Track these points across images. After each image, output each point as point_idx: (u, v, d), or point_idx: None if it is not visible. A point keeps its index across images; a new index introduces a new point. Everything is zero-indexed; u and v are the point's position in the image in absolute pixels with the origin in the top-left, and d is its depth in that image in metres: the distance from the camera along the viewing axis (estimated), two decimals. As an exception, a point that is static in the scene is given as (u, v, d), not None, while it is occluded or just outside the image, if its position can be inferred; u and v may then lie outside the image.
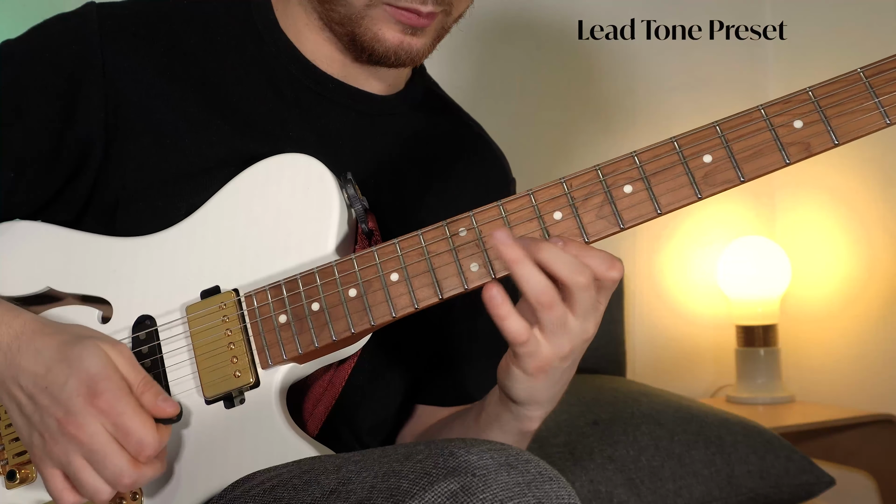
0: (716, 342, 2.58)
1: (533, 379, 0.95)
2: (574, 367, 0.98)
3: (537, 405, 1.00)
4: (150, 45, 1.10)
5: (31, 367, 0.93)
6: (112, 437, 0.90)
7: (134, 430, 0.89)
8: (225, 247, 1.04)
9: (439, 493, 0.80)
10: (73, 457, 0.90)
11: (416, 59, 1.10)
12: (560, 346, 0.92)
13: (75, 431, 0.89)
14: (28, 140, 1.07)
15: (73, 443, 0.90)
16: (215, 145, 1.09)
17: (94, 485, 0.90)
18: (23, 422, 0.94)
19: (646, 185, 0.94)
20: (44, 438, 0.91)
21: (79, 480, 0.91)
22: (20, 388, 0.93)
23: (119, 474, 0.90)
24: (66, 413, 0.90)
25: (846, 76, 0.93)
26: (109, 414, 0.89)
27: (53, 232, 1.09)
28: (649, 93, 2.54)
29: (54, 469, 0.92)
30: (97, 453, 0.89)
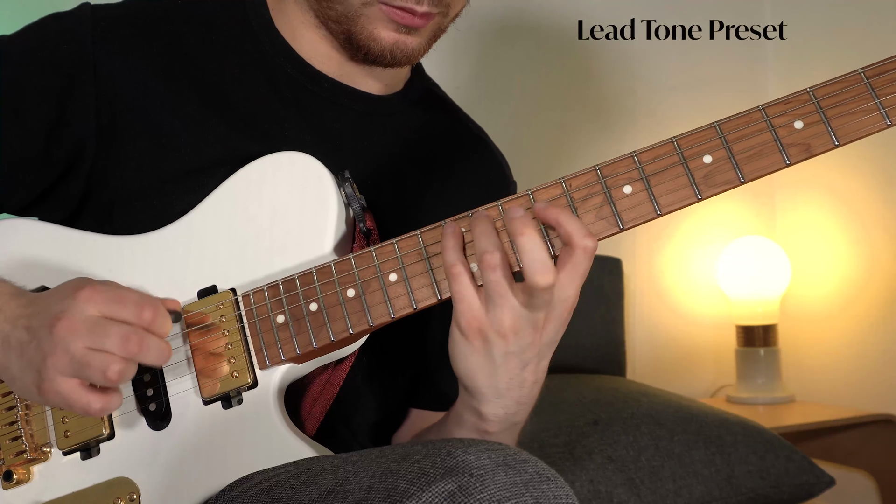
0: (716, 342, 2.58)
1: (469, 344, 0.93)
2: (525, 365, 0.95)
3: (480, 394, 0.96)
4: (145, 45, 1.10)
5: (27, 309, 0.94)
6: (106, 315, 0.90)
7: (126, 295, 0.90)
8: (222, 246, 1.04)
9: (437, 493, 0.80)
10: (73, 348, 0.89)
11: (412, 58, 1.10)
12: (498, 321, 0.91)
13: (68, 323, 0.89)
14: (19, 139, 1.07)
15: (69, 335, 0.89)
16: (213, 145, 1.09)
17: (103, 361, 0.89)
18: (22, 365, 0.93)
19: (645, 186, 0.94)
20: (44, 356, 0.90)
21: (86, 366, 0.89)
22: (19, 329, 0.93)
23: (125, 334, 0.89)
24: (57, 314, 0.90)
25: (847, 76, 0.92)
26: (97, 296, 0.90)
27: (49, 230, 1.09)
28: (649, 93, 2.53)
29: (65, 379, 0.90)
30: (94, 329, 0.89)
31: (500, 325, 0.91)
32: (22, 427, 1.02)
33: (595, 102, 2.49)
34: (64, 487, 1.02)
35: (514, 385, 0.96)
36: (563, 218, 0.89)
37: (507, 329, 0.91)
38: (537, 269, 0.88)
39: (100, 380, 0.90)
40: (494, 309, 0.91)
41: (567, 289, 0.91)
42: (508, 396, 0.97)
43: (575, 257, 0.90)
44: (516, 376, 0.95)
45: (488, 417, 0.98)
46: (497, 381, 0.95)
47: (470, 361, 0.95)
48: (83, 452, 1.02)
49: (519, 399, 0.97)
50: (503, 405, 0.97)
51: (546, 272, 0.88)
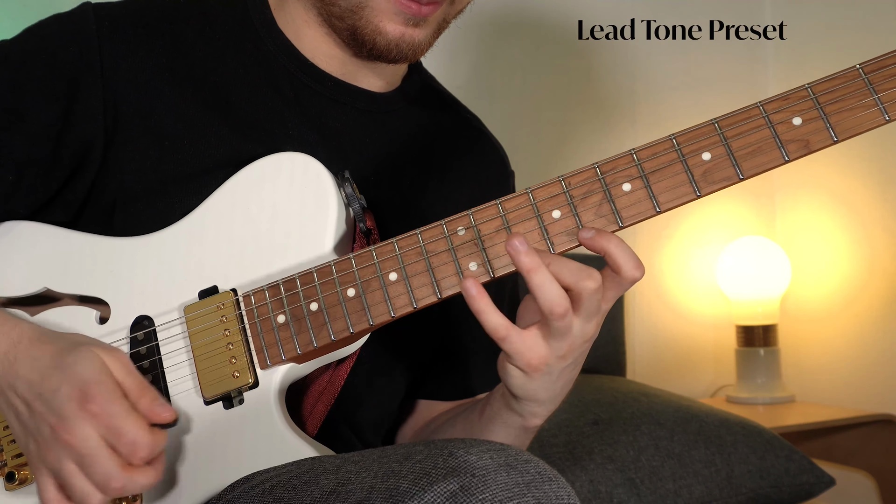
0: (716, 342, 2.58)
1: (529, 377, 0.95)
2: (577, 366, 0.98)
3: (538, 402, 1.00)
4: (147, 45, 1.10)
5: (27, 375, 0.92)
6: (103, 442, 0.88)
7: (126, 431, 0.88)
8: (223, 246, 1.04)
9: (439, 493, 0.80)
10: (64, 462, 0.89)
11: (417, 52, 1.10)
12: (558, 348, 0.93)
13: (67, 436, 0.88)
14: (27, 143, 1.06)
15: (65, 448, 0.89)
16: (215, 146, 1.08)
17: (84, 489, 0.89)
18: (20, 429, 0.93)
19: (645, 184, 0.94)
20: (38, 445, 0.91)
21: (70, 486, 0.89)
22: (17, 396, 0.92)
23: (108, 477, 0.88)
24: (59, 419, 0.89)
25: (845, 72, 0.92)
26: (101, 417, 0.88)
27: (51, 232, 1.08)
28: (649, 93, 2.53)
29: (48, 477, 0.91)
30: (87, 457, 0.88)
31: (557, 352, 0.94)
32: (22, 427, 1.02)
33: (595, 102, 2.49)
34: (65, 488, 1.02)
35: (566, 387, 1.00)
36: (612, 248, 0.91)
37: (564, 352, 0.94)
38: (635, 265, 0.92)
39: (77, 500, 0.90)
40: (556, 342, 0.93)
41: (609, 304, 0.95)
42: (561, 396, 1.01)
43: (621, 285, 0.93)
44: (570, 380, 0.99)
45: (540, 415, 1.02)
46: (555, 392, 0.99)
47: (533, 389, 0.98)
48: (84, 452, 1.02)
49: (565, 392, 1.01)
50: (554, 406, 1.02)
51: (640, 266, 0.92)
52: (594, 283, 0.90)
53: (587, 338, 0.94)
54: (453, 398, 1.23)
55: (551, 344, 0.93)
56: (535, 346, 0.93)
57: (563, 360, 0.94)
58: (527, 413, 1.02)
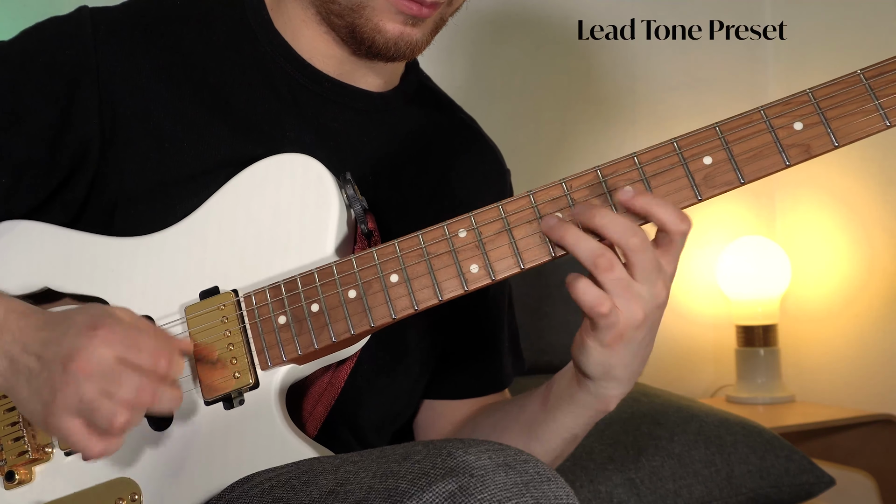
0: (716, 342, 2.58)
1: (609, 350, 0.95)
2: (651, 339, 0.97)
3: (615, 381, 0.99)
4: (145, 47, 1.10)
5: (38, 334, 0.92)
6: (121, 360, 0.88)
7: (145, 341, 0.89)
8: (224, 247, 1.04)
9: (437, 493, 0.80)
10: (84, 390, 0.88)
11: (415, 51, 1.10)
12: (633, 313, 0.92)
13: (83, 364, 0.88)
14: (24, 144, 1.07)
15: (82, 376, 0.88)
16: (214, 147, 1.09)
17: (110, 409, 0.88)
18: (31, 391, 0.92)
19: (646, 187, 0.94)
20: (54, 390, 0.89)
21: (93, 412, 0.88)
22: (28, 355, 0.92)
23: (138, 385, 0.88)
24: (70, 352, 0.89)
25: (846, 78, 0.93)
26: (114, 338, 0.88)
27: (52, 232, 1.09)
28: (649, 93, 2.53)
29: (70, 418, 0.89)
30: (108, 376, 0.88)
31: (634, 318, 0.93)
32: (24, 427, 1.02)
33: (595, 102, 2.49)
34: (65, 488, 1.02)
35: (643, 364, 0.99)
36: (654, 209, 0.92)
37: (640, 319, 0.93)
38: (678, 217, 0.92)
39: (105, 427, 0.89)
40: (624, 304, 0.92)
41: (670, 265, 0.94)
42: (637, 374, 1.00)
43: (674, 243, 0.93)
44: (645, 356, 0.99)
45: (616, 397, 1.01)
46: (634, 368, 0.98)
47: (612, 365, 0.97)
48: (85, 453, 1.02)
49: (641, 370, 1.00)
50: (630, 386, 1.01)
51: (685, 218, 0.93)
52: (637, 239, 0.90)
53: (658, 302, 0.94)
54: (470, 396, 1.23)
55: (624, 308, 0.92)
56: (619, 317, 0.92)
57: (639, 329, 0.94)
58: (602, 395, 1.00)
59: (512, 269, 0.95)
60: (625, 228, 0.91)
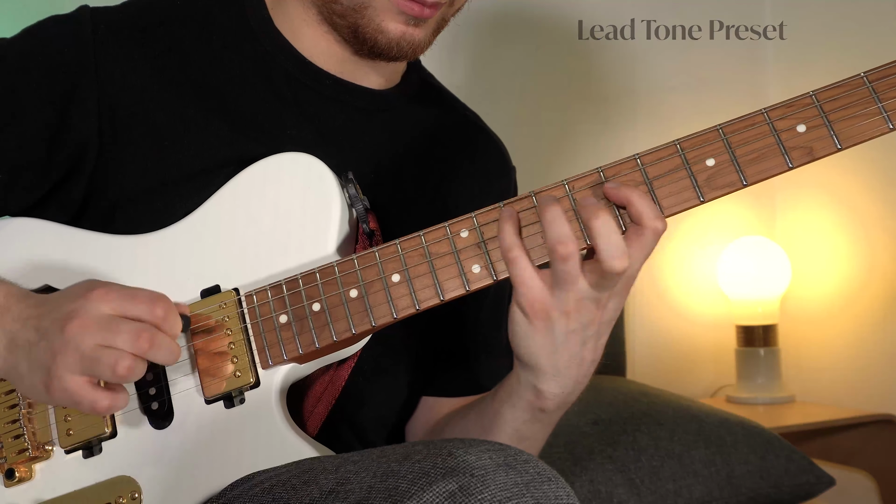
0: (716, 342, 2.58)
1: (532, 325, 0.94)
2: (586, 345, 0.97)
3: (544, 374, 0.98)
4: (145, 47, 1.10)
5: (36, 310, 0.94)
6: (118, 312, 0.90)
7: (139, 292, 0.90)
8: (225, 246, 1.04)
9: (437, 493, 0.80)
10: (84, 345, 0.89)
11: (417, 51, 1.11)
12: (563, 301, 0.92)
13: (79, 322, 0.89)
14: (23, 145, 1.07)
15: (80, 333, 0.89)
16: (214, 146, 1.09)
17: (112, 356, 0.89)
18: (31, 363, 0.93)
19: (648, 188, 0.94)
20: (54, 354, 0.90)
21: (96, 361, 0.89)
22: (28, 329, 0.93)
23: (136, 330, 0.89)
24: (68, 314, 0.90)
25: (849, 80, 0.93)
26: (108, 295, 0.90)
27: (52, 229, 1.09)
28: (649, 93, 2.53)
29: (73, 376, 0.90)
30: (106, 326, 0.89)
31: (565, 305, 0.92)
32: (24, 425, 1.03)
33: (595, 102, 2.49)
34: (66, 485, 1.02)
35: (573, 363, 0.98)
36: (634, 198, 0.91)
37: (571, 308, 0.93)
38: (614, 254, 0.89)
39: (109, 376, 0.90)
40: (561, 292, 0.92)
41: (633, 267, 0.92)
42: (567, 375, 0.98)
43: (644, 238, 0.91)
44: (576, 354, 0.97)
45: (546, 395, 1.00)
46: (558, 359, 0.97)
47: (532, 340, 0.96)
48: (85, 451, 1.02)
49: (577, 378, 0.99)
50: (562, 384, 0.99)
51: (622, 257, 0.90)
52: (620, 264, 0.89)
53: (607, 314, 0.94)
54: (462, 394, 1.23)
55: (556, 293, 0.92)
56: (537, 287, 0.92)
57: (567, 319, 0.93)
58: (536, 388, 1.00)
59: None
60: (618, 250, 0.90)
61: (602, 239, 0.90)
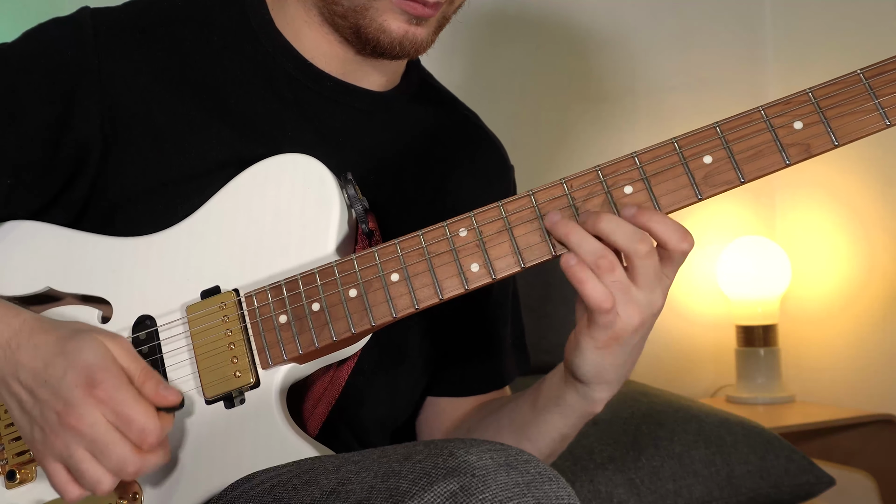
0: (716, 342, 2.58)
1: (603, 352, 0.95)
2: (642, 344, 0.98)
3: (605, 384, 1.00)
4: (146, 48, 1.10)
5: (30, 363, 0.93)
6: (113, 427, 0.89)
7: (135, 418, 0.89)
8: (225, 247, 1.04)
9: (438, 493, 0.80)
10: (74, 448, 0.90)
11: (420, 49, 1.11)
12: (630, 317, 0.93)
13: (75, 423, 0.89)
14: (24, 146, 1.07)
15: (73, 434, 0.89)
16: (215, 147, 1.09)
17: (96, 475, 0.90)
18: (23, 419, 0.94)
19: (646, 186, 0.94)
20: (45, 433, 0.91)
21: (80, 472, 0.90)
22: (20, 384, 0.93)
23: (123, 462, 0.89)
24: (66, 405, 0.89)
25: (846, 77, 0.93)
26: (109, 403, 0.89)
27: (54, 232, 1.09)
28: (649, 93, 2.53)
29: (56, 463, 0.91)
30: (98, 443, 0.89)
31: (631, 322, 0.94)
32: (25, 427, 1.03)
33: (595, 102, 2.49)
34: (66, 487, 1.02)
35: (632, 368, 1.00)
36: (654, 225, 0.92)
37: (637, 324, 0.94)
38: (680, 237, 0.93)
39: (88, 488, 0.91)
40: (623, 308, 0.93)
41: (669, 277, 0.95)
42: (625, 377, 1.01)
43: (673, 258, 0.94)
44: (635, 360, 1.00)
45: (603, 400, 1.02)
46: (624, 371, 0.99)
47: (604, 367, 0.98)
48: (85, 451, 1.02)
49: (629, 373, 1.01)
50: (618, 387, 1.01)
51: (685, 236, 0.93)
52: (644, 246, 0.91)
53: (654, 310, 0.94)
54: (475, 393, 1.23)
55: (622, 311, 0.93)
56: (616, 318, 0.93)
57: (636, 333, 0.95)
58: (590, 397, 1.01)
59: (512, 267, 0.95)
60: (632, 233, 0.91)
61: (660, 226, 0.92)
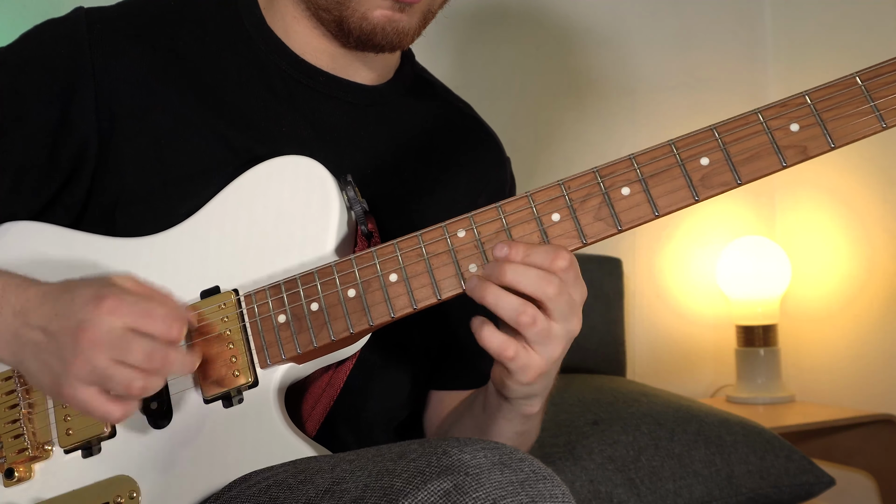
0: (716, 342, 2.58)
1: (529, 386, 0.97)
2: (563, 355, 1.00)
3: (535, 398, 1.03)
4: (141, 47, 1.11)
5: (40, 308, 0.93)
6: (131, 330, 0.89)
7: (153, 308, 0.90)
8: (225, 247, 1.05)
9: (432, 491, 0.80)
10: (97, 360, 0.89)
11: (404, 38, 1.11)
12: (551, 352, 0.95)
13: (92, 335, 0.88)
14: (24, 147, 1.07)
15: (92, 347, 0.88)
16: (212, 145, 1.09)
17: (125, 376, 0.89)
18: (39, 364, 0.92)
19: (643, 188, 0.94)
20: (65, 363, 0.90)
21: (108, 379, 0.89)
22: (32, 327, 0.93)
23: (149, 350, 0.89)
24: (80, 323, 0.89)
25: (842, 80, 0.93)
26: (121, 308, 0.89)
27: (55, 232, 1.09)
28: (649, 93, 2.53)
29: (85, 387, 0.90)
30: (118, 343, 0.88)
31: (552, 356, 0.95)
32: (24, 425, 1.03)
33: (595, 102, 2.49)
34: (65, 485, 1.02)
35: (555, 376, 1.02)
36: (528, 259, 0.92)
37: (558, 354, 0.95)
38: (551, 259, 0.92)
39: (122, 393, 0.90)
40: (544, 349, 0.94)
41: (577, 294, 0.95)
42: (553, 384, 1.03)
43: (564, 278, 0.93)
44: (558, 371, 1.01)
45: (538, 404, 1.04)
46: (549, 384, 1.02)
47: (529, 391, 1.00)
48: (84, 450, 1.02)
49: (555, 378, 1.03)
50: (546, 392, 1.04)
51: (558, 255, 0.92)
52: (553, 288, 0.91)
53: (573, 335, 0.95)
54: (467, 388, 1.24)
55: (543, 352, 0.94)
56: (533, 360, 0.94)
57: (559, 360, 0.96)
58: (524, 410, 1.04)
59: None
60: (537, 279, 0.91)
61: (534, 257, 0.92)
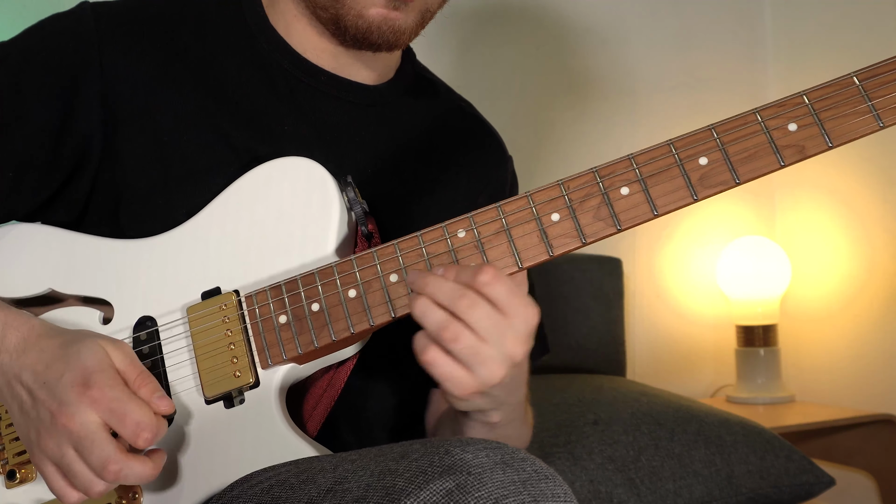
0: (716, 342, 2.58)
1: (468, 402, 0.96)
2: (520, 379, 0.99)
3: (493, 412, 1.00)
4: (145, 43, 1.11)
5: (33, 365, 0.94)
6: (103, 427, 0.90)
7: (130, 413, 0.89)
8: (226, 248, 1.05)
9: (435, 491, 0.80)
10: (65, 448, 0.90)
11: (400, 37, 1.11)
12: (490, 374, 0.90)
13: (66, 421, 0.90)
14: (24, 146, 1.07)
15: (64, 433, 0.90)
16: (214, 144, 1.09)
17: (85, 475, 0.90)
18: (23, 420, 0.94)
19: (642, 187, 0.95)
20: (40, 433, 0.92)
21: (72, 473, 0.90)
22: (22, 385, 0.94)
23: (105, 460, 0.89)
24: (60, 404, 0.90)
25: (840, 80, 0.93)
26: (102, 402, 0.89)
27: (55, 233, 1.09)
28: (649, 93, 2.54)
29: (51, 465, 0.92)
30: (85, 440, 0.89)
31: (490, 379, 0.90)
32: (25, 427, 1.03)
33: (595, 102, 2.49)
34: (66, 486, 1.02)
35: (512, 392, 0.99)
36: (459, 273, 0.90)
37: (498, 379, 0.91)
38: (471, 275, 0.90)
39: (82, 490, 0.91)
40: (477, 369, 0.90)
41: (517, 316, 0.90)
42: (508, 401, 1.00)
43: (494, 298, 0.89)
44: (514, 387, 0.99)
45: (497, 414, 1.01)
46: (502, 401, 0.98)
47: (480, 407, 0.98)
48: (85, 451, 1.02)
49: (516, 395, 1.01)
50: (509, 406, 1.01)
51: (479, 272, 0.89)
52: (467, 299, 0.88)
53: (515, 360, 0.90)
54: None
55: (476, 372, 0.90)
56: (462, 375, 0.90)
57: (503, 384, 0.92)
58: (486, 420, 1.02)
59: (510, 268, 0.96)
60: (450, 291, 0.89)
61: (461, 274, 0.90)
